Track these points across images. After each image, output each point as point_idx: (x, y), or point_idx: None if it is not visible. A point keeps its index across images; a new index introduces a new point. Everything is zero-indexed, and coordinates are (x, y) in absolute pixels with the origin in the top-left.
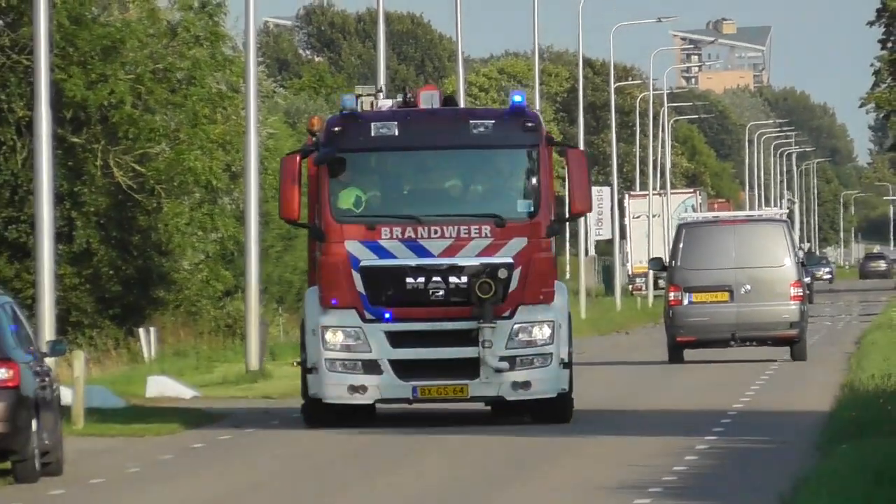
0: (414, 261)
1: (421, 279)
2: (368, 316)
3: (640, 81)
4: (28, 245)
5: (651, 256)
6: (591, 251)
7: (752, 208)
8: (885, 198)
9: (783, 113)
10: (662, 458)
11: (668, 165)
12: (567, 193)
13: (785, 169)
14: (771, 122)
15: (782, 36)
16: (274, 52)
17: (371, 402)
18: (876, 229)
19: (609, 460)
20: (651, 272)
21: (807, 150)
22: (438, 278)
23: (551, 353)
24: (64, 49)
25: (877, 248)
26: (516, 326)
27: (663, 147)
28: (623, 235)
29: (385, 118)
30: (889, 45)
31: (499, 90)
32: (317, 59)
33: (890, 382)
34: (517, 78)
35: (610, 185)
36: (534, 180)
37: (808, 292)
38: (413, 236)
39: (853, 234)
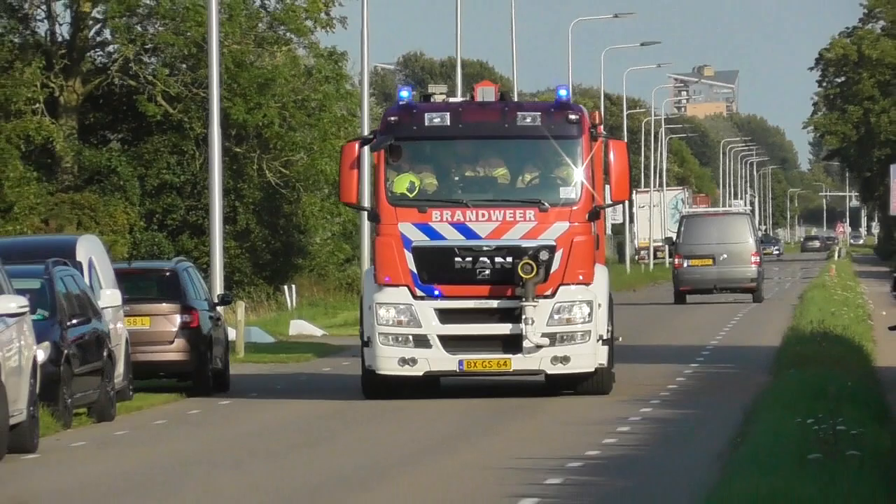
0: (462, 242)
1: (468, 259)
2: (419, 293)
3: (644, 110)
4: (204, 226)
5: (661, 236)
6: (609, 231)
7: (724, 201)
8: (819, 194)
9: (747, 133)
10: (660, 378)
11: (664, 170)
12: (608, 182)
13: (748, 173)
14: (739, 139)
15: (747, 77)
16: (381, 87)
17: (420, 373)
18: (813, 217)
19: (621, 380)
20: (652, 247)
21: (764, 159)
22: (485, 259)
23: (590, 331)
24: (230, 85)
25: (813, 231)
26: (557, 305)
27: (660, 157)
28: (631, 220)
29: (438, 109)
30: (824, 84)
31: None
32: None
33: (823, 326)
34: None
35: None
36: (576, 169)
37: (762, 259)
38: (462, 219)
39: (797, 220)
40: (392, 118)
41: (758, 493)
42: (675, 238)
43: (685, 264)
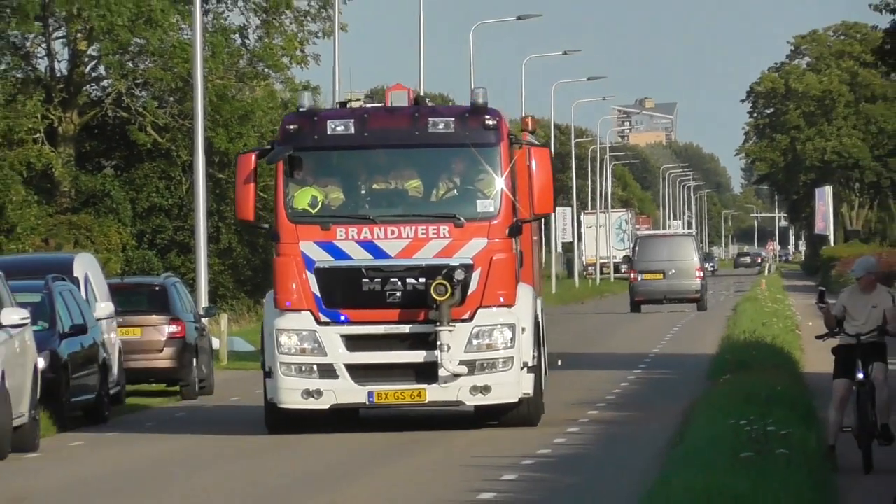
0: (370, 262)
1: (377, 280)
2: (323, 319)
3: (590, 139)
4: (190, 244)
5: (608, 254)
6: (559, 249)
7: (664, 222)
8: (751, 215)
9: (685, 159)
10: (606, 384)
11: (609, 194)
12: (531, 193)
13: (685, 196)
14: (677, 165)
15: (685, 108)
16: None
17: (326, 407)
18: (745, 236)
19: (570, 385)
20: (599, 263)
21: (700, 183)
22: (395, 280)
23: (512, 357)
24: (213, 116)
25: (745, 248)
26: (475, 329)
27: (605, 181)
28: (580, 239)
29: (342, 116)
30: (754, 114)
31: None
32: None
33: (755, 336)
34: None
35: (571, 206)
36: (495, 179)
37: (704, 275)
38: (369, 237)
39: (730, 239)
40: (291, 126)
41: (695, 488)
42: (631, 256)
43: (640, 278)
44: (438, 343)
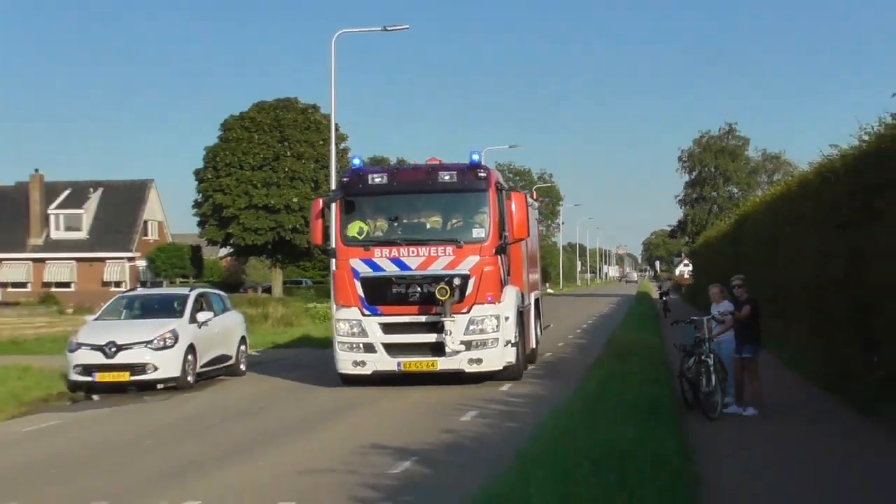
0: (397, 273)
1: (402, 285)
2: (366, 312)
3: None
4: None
5: None
6: None
7: None
8: None
9: None
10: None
11: None
12: (511, 225)
13: None
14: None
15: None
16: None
17: (369, 372)
18: None
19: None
20: None
21: None
22: (415, 285)
23: (498, 338)
24: None
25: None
26: (471, 319)
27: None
28: None
29: (379, 172)
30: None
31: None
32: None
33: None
34: None
35: None
36: (485, 215)
37: None
38: (397, 255)
39: None
40: (345, 179)
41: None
42: None
43: None
44: (444, 329)
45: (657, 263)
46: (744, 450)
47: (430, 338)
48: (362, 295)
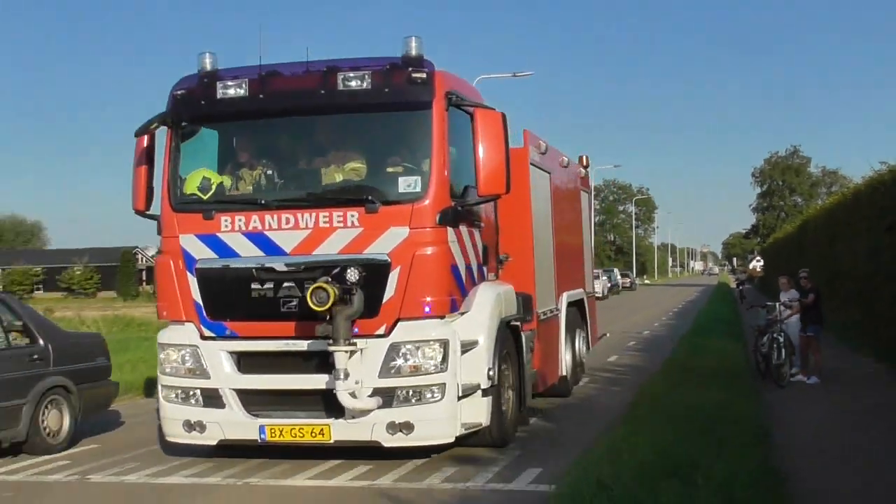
0: (260, 260)
1: (269, 284)
2: (207, 332)
3: None
4: None
5: None
6: None
7: None
8: None
9: None
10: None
11: None
12: (475, 168)
13: None
14: None
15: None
16: None
17: (214, 443)
18: None
19: None
20: None
21: None
22: (291, 283)
23: (443, 385)
24: None
25: None
26: (394, 347)
27: None
28: None
29: (237, 76)
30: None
31: None
32: None
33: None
34: None
35: None
36: (423, 151)
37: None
38: (259, 227)
39: None
40: (178, 92)
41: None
42: None
43: None
44: (336, 366)
45: (734, 259)
46: (808, 411)
47: (319, 381)
48: (199, 301)
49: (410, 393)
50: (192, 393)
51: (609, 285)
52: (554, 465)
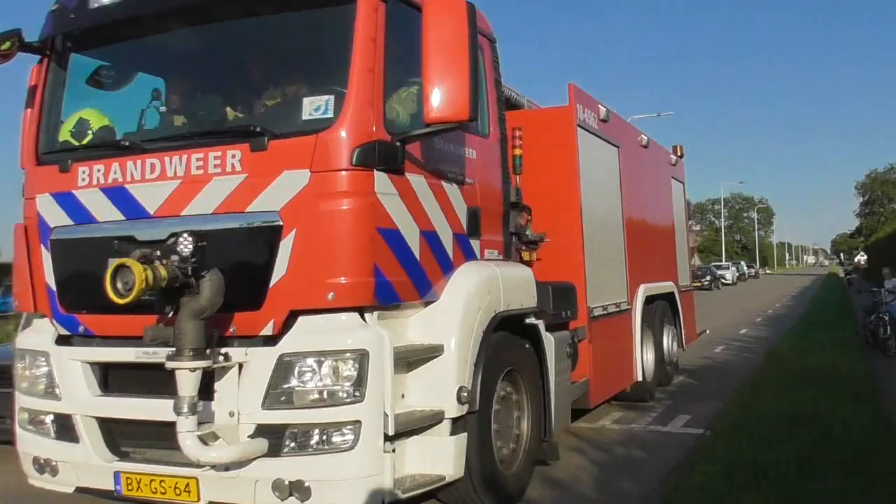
0: (120, 225)
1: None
2: (61, 330)
3: None
4: None
5: None
6: None
7: None
8: None
9: None
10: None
11: None
12: (421, 85)
13: None
14: None
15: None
16: None
17: (70, 490)
18: None
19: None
20: None
21: None
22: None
23: (358, 423)
24: None
25: None
26: (285, 360)
27: None
28: None
29: None
30: None
31: None
32: None
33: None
34: None
35: None
36: (337, 64)
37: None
38: (120, 179)
39: None
40: (54, 6)
41: None
42: None
43: None
44: (180, 393)
45: (841, 254)
46: None
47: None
48: (53, 286)
49: (309, 434)
50: (41, 420)
51: (738, 274)
52: (699, 413)
